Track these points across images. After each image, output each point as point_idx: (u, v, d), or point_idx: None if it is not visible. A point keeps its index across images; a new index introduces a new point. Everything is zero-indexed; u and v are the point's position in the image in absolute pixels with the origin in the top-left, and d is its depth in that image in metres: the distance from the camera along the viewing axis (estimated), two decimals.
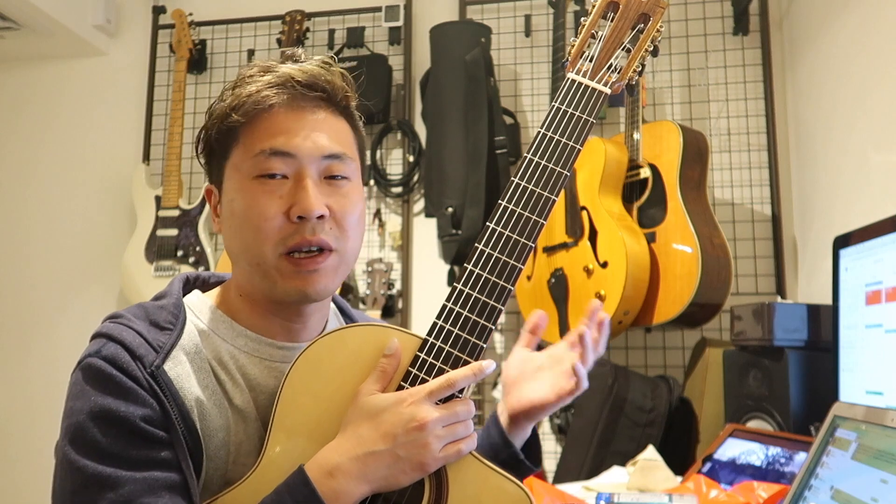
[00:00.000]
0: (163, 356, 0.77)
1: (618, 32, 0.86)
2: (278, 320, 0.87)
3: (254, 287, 0.85)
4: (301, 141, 0.81)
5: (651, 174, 2.17)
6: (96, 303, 2.84)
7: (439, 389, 0.75)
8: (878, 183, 1.78)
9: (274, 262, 0.80)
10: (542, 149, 0.84)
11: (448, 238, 2.39)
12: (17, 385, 2.86)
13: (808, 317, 1.65)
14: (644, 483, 1.53)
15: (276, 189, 0.81)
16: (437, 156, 2.46)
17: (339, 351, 0.80)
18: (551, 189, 0.82)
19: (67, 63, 3.02)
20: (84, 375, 0.76)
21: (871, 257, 1.30)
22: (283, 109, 0.82)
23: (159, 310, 0.83)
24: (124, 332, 0.78)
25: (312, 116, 0.83)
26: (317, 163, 0.82)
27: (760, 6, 2.46)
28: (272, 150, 0.80)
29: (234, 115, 0.82)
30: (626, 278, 2.00)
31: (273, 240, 0.80)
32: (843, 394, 1.34)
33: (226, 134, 0.83)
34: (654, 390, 2.05)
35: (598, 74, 0.85)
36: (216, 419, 0.80)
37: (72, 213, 2.92)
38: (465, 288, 0.80)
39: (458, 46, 2.47)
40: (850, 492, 0.94)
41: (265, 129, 0.81)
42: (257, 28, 2.87)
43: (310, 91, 0.83)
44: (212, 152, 0.87)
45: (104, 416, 0.73)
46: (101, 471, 0.71)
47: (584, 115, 0.84)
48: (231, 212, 0.83)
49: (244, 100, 0.82)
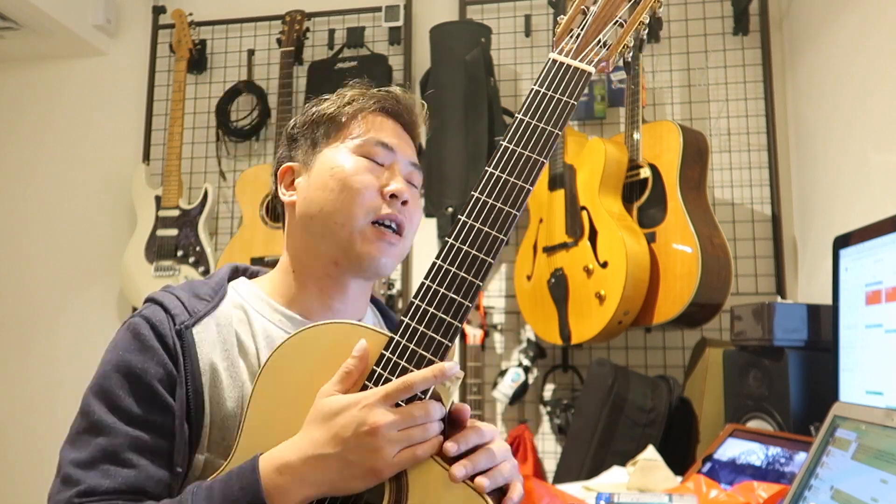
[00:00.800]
0: (194, 320, 0.87)
1: (610, 5, 0.80)
2: (323, 298, 0.93)
3: (319, 253, 0.92)
4: (400, 144, 0.96)
5: (651, 174, 2.17)
6: (96, 303, 2.84)
7: (396, 392, 0.73)
8: (878, 183, 1.78)
9: (361, 226, 0.90)
10: (519, 135, 0.78)
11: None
12: (16, 385, 2.86)
13: (808, 317, 1.65)
14: (644, 483, 1.54)
15: (374, 170, 0.92)
16: (437, 156, 2.46)
17: (314, 346, 0.79)
18: (526, 178, 0.77)
19: (67, 63, 3.02)
20: (125, 331, 0.87)
21: (871, 257, 1.30)
22: (389, 117, 0.97)
23: (202, 285, 0.94)
24: (167, 297, 0.89)
25: (405, 133, 0.98)
26: (406, 165, 0.95)
27: (760, 6, 2.46)
28: (379, 141, 0.93)
29: (348, 109, 0.95)
30: (626, 278, 2.01)
31: (366, 207, 0.90)
32: (843, 394, 1.34)
33: (331, 118, 0.96)
34: (654, 390, 2.05)
35: (584, 52, 0.80)
36: (228, 389, 0.85)
37: (72, 214, 2.93)
38: (433, 283, 0.77)
39: (458, 46, 2.47)
40: (850, 492, 0.94)
41: (376, 123, 0.95)
42: (257, 28, 2.87)
43: (408, 112, 0.99)
44: (309, 136, 0.97)
45: (125, 370, 0.83)
46: (104, 418, 0.81)
47: (564, 97, 0.79)
48: (331, 176, 0.91)
49: (356, 96, 0.96)
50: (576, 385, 2.42)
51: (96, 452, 0.79)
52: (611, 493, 1.32)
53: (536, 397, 2.46)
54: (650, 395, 2.03)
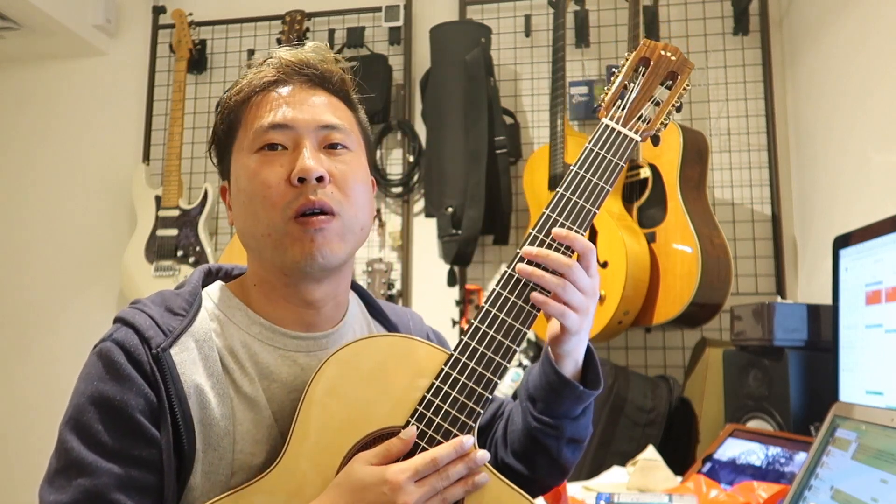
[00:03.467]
0: (171, 340, 0.80)
1: (648, 87, 0.92)
2: (292, 308, 0.88)
3: (267, 268, 0.86)
4: (298, 113, 0.85)
5: (651, 174, 2.17)
6: (96, 303, 2.84)
7: (424, 468, 0.76)
8: (878, 183, 1.78)
9: (283, 227, 0.82)
10: (574, 186, 0.87)
11: (448, 238, 2.39)
12: (16, 385, 2.86)
13: (808, 317, 1.65)
14: (644, 483, 1.54)
15: (276, 159, 0.84)
16: (437, 156, 2.46)
17: (369, 357, 0.83)
18: (580, 224, 0.86)
19: (67, 63, 3.02)
20: (95, 358, 0.80)
21: (871, 257, 1.30)
22: (279, 88, 0.87)
23: (175, 297, 0.86)
24: (137, 315, 0.82)
25: (308, 94, 0.87)
26: (315, 132, 0.85)
27: (760, 6, 2.46)
28: (271, 123, 0.84)
29: (235, 99, 0.87)
30: (626, 278, 2.00)
31: (279, 205, 0.82)
32: (843, 394, 1.34)
33: (229, 122, 0.88)
34: (654, 390, 2.05)
35: (630, 122, 0.91)
36: (217, 408, 0.80)
37: (72, 213, 2.93)
38: (482, 326, 0.83)
39: (458, 46, 2.47)
40: (850, 492, 0.94)
41: (264, 106, 0.86)
42: (257, 28, 2.87)
43: (303, 70, 0.88)
44: (220, 145, 0.90)
45: (102, 402, 0.77)
46: (84, 456, 0.75)
47: (616, 158, 0.89)
48: (238, 190, 0.86)
49: (244, 86, 0.87)
50: None
51: (78, 494, 0.74)
52: (611, 493, 1.32)
53: None
54: (650, 395, 2.03)
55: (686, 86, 0.93)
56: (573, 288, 0.83)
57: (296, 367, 0.86)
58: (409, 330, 1.04)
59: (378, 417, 0.81)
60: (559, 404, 0.89)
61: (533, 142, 2.61)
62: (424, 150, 2.58)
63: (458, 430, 0.80)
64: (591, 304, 0.86)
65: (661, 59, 0.93)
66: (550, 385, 0.89)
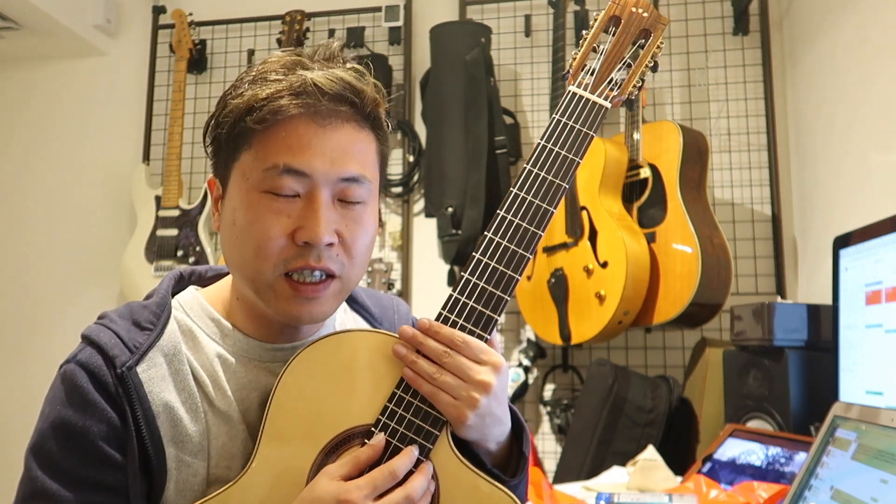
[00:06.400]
0: (137, 357, 0.76)
1: (619, 47, 0.86)
2: (274, 325, 0.84)
3: (248, 293, 0.81)
4: (318, 160, 0.75)
5: (651, 174, 2.17)
6: (96, 303, 2.83)
7: (383, 482, 0.72)
8: (878, 183, 1.78)
9: (271, 281, 0.76)
10: (542, 160, 0.83)
11: (448, 238, 2.39)
12: (16, 385, 2.86)
13: (808, 317, 1.65)
14: (644, 483, 1.53)
15: (283, 208, 0.75)
16: (437, 156, 2.46)
17: (335, 355, 0.79)
18: (550, 201, 0.81)
19: (67, 63, 3.02)
20: (59, 381, 0.78)
21: (871, 257, 1.30)
22: (302, 121, 0.75)
23: (143, 309, 0.81)
24: (102, 333, 0.78)
25: (334, 133, 0.76)
26: (332, 185, 0.76)
27: (760, 6, 2.46)
28: (286, 166, 0.74)
29: (249, 120, 0.75)
30: (626, 278, 2.00)
31: (273, 260, 0.76)
32: (843, 394, 1.34)
33: (237, 135, 0.77)
34: (654, 390, 2.05)
35: (599, 88, 0.85)
36: (190, 424, 0.78)
37: (72, 214, 2.92)
38: (462, 296, 0.80)
39: (458, 46, 2.47)
40: (850, 492, 0.94)
41: (281, 140, 0.75)
42: (257, 28, 2.87)
43: (335, 104, 0.76)
44: (220, 148, 0.81)
45: (63, 429, 0.75)
46: (47, 486, 0.73)
47: (585, 128, 0.83)
48: (232, 221, 0.78)
49: (261, 104, 0.75)
50: (576, 385, 2.42)
51: None
52: (611, 493, 1.32)
53: (536, 397, 2.46)
54: (650, 395, 2.03)
55: (660, 44, 0.87)
56: (450, 375, 0.76)
57: (272, 377, 0.81)
58: (394, 322, 0.98)
59: (348, 416, 0.78)
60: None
61: (533, 142, 2.61)
62: (424, 150, 2.58)
63: (430, 425, 0.76)
64: (478, 396, 0.75)
65: (633, 16, 0.86)
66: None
